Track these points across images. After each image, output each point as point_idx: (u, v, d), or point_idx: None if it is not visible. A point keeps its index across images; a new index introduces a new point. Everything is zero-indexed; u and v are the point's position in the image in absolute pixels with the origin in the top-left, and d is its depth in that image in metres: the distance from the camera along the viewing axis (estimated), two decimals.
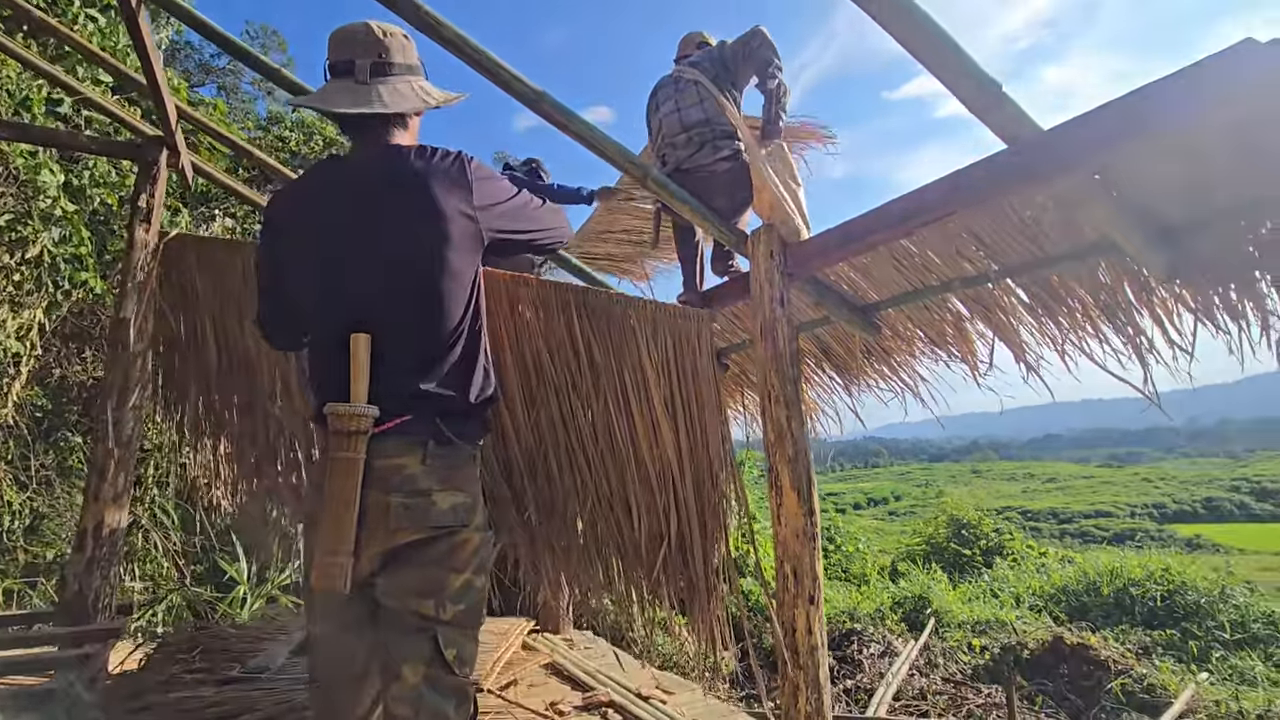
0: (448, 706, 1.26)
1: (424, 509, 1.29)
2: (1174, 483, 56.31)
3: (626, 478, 2.03)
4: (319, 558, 1.24)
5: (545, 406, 2.15)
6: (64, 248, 5.33)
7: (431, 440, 1.31)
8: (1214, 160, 1.56)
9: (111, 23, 6.04)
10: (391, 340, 1.32)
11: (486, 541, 1.40)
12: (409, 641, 1.27)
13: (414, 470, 1.29)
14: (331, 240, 1.36)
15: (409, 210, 1.34)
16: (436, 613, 1.27)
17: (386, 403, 1.29)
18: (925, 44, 1.53)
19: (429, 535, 1.29)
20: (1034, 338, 2.42)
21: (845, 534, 15.26)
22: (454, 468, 1.35)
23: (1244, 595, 8.72)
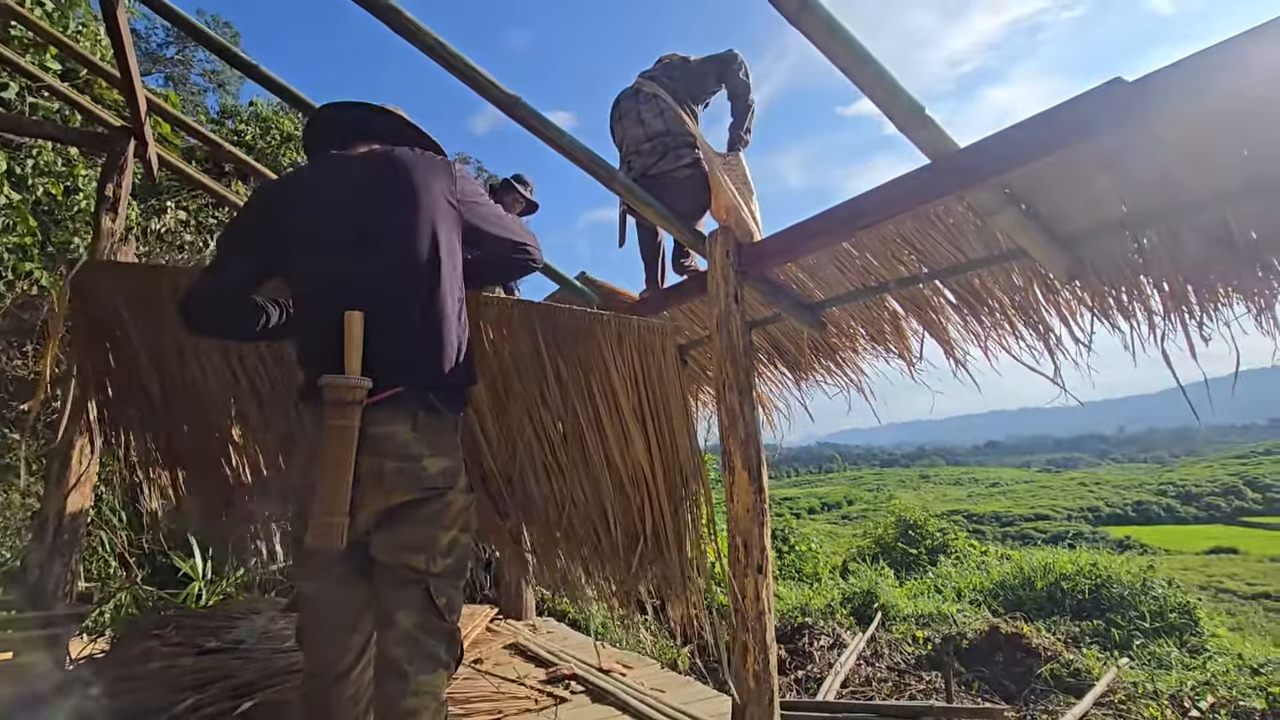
0: (439, 648, 1.40)
1: (416, 473, 1.42)
2: (1107, 487, 59.22)
3: (601, 484, 2.09)
4: (316, 518, 1.36)
5: (516, 421, 2.19)
6: (7, 237, 5.18)
7: (421, 410, 1.45)
8: (1098, 179, 1.83)
9: (59, 8, 5.90)
10: (384, 319, 1.44)
11: (470, 502, 1.54)
12: (403, 592, 1.40)
13: (405, 437, 1.42)
14: (331, 225, 1.49)
15: (401, 198, 1.48)
16: (428, 566, 1.41)
17: (379, 376, 1.41)
18: (862, 71, 1.75)
19: (420, 496, 1.43)
20: (960, 335, 2.68)
21: (799, 535, 15.67)
22: (441, 435, 1.48)
23: (1162, 588, 9.38)
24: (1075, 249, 2.10)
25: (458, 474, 1.51)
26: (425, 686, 1.35)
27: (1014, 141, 1.67)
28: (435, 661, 1.39)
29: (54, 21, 5.85)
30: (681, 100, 2.86)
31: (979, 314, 2.55)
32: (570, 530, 2.07)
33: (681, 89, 2.90)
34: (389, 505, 1.41)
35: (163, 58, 15.00)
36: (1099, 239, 2.05)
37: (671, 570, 1.93)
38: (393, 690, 1.35)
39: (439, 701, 1.39)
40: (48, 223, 5.91)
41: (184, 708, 1.79)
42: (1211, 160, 1.70)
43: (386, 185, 1.49)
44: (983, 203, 1.96)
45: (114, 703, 1.82)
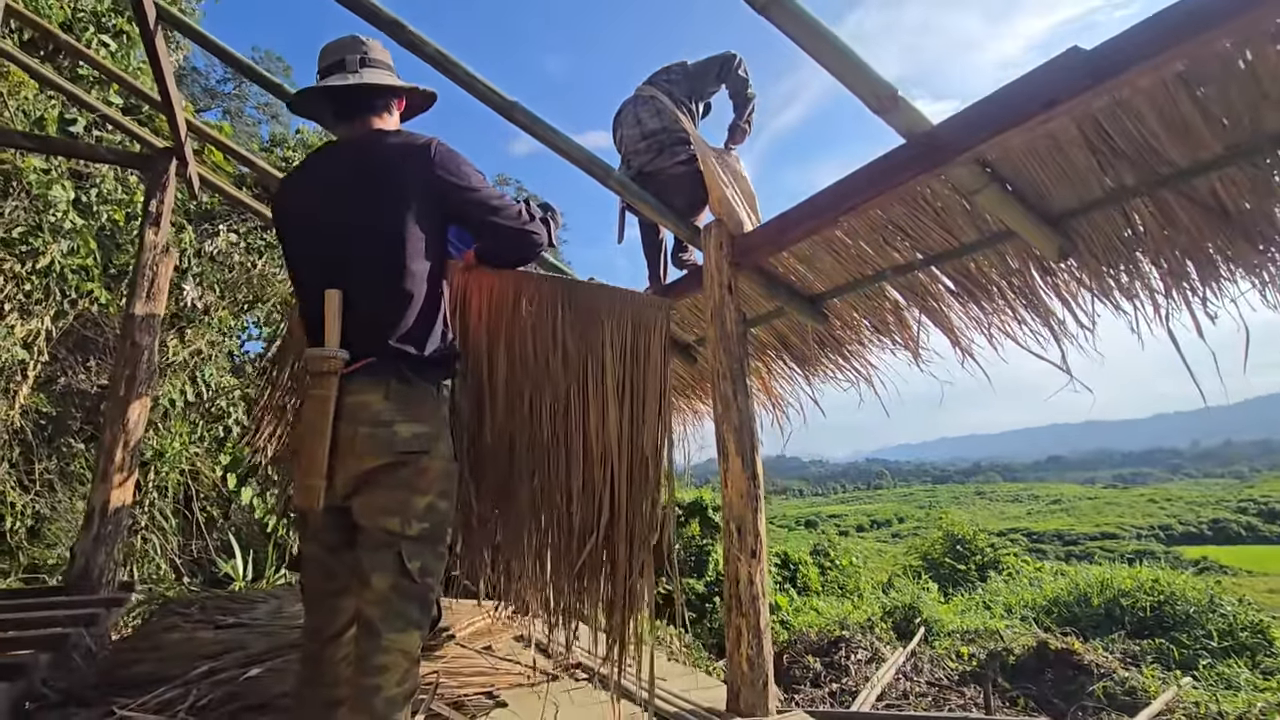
0: (411, 609, 1.46)
1: (387, 438, 1.49)
2: (1180, 504, 55.91)
3: (572, 463, 2.02)
4: (298, 481, 1.47)
5: (519, 393, 2.19)
6: (72, 259, 5.60)
7: (393, 379, 1.52)
8: (1074, 154, 1.81)
9: (122, 48, 6.40)
10: (359, 296, 1.54)
11: (450, 470, 1.58)
12: (378, 555, 1.46)
13: (378, 405, 1.50)
14: (314, 212, 1.61)
15: (375, 182, 1.58)
16: (402, 529, 1.47)
17: (355, 348, 1.51)
18: (830, 56, 1.79)
19: (393, 460, 1.49)
20: (963, 322, 2.65)
21: (840, 550, 15.37)
22: (414, 403, 1.54)
23: (1232, 606, 8.83)
24: (1064, 227, 2.07)
25: (435, 440, 1.55)
26: (396, 644, 1.41)
27: (981, 114, 1.68)
28: (405, 621, 1.44)
29: (116, 60, 6.35)
30: (679, 101, 2.94)
31: (979, 300, 2.52)
32: (536, 519, 2.03)
33: (679, 90, 2.98)
34: (362, 470, 1.48)
35: (221, 93, 15.99)
36: (1088, 215, 2.02)
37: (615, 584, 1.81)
38: (365, 647, 1.42)
39: (410, 660, 1.44)
40: (110, 246, 6.36)
41: (198, 674, 1.92)
42: (1190, 128, 1.67)
43: (360, 175, 1.59)
44: (963, 181, 1.96)
45: (137, 670, 1.95)
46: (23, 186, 5.20)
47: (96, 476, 3.17)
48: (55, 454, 6.28)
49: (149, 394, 3.43)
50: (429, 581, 1.50)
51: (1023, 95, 1.57)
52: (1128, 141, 1.75)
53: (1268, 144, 1.63)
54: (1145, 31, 1.39)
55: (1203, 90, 1.61)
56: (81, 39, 6.03)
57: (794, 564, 12.91)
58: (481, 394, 2.24)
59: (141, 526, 6.16)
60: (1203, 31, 1.33)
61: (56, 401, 6.33)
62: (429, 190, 1.61)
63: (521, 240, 1.80)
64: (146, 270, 3.35)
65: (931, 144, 1.78)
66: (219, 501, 7.09)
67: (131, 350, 3.34)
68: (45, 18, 5.65)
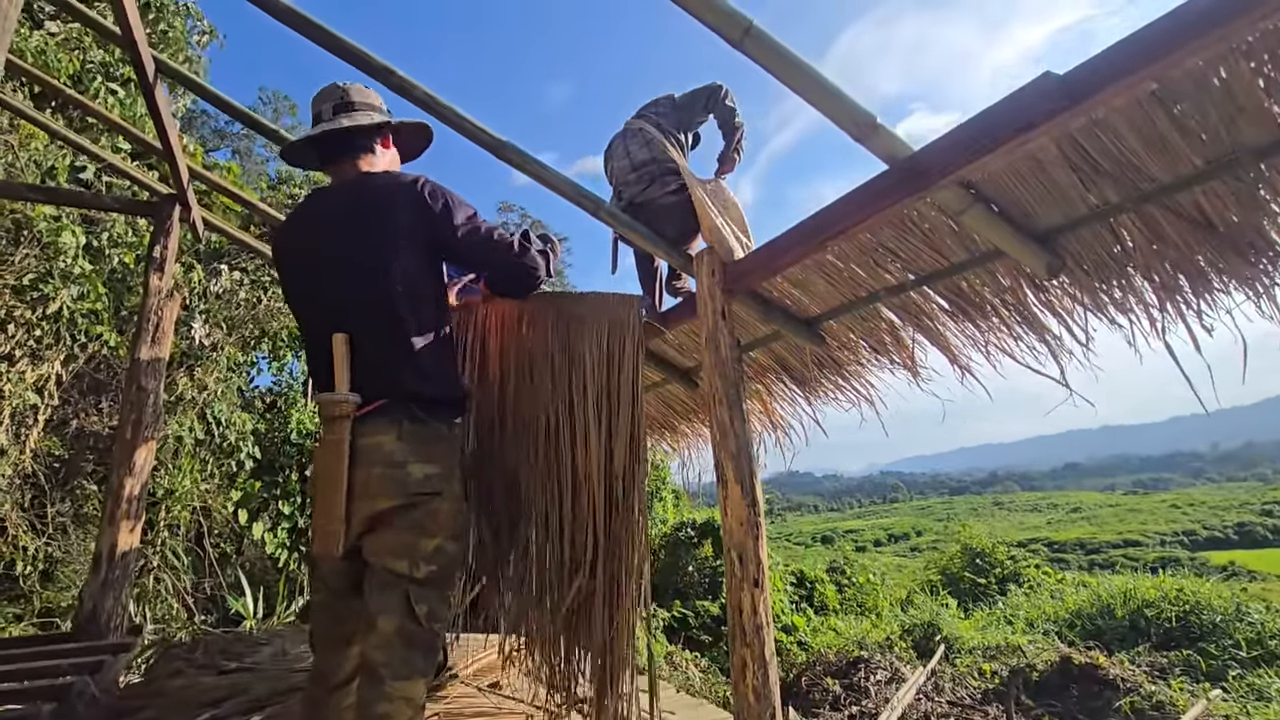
0: (416, 656, 1.44)
1: (400, 478, 1.49)
2: (1203, 508, 54.87)
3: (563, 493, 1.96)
4: (316, 526, 1.49)
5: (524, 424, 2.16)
6: (82, 304, 5.69)
7: (405, 420, 1.53)
8: (1056, 173, 1.82)
9: (130, 95, 6.57)
10: (365, 339, 1.56)
11: (459, 510, 1.58)
12: (385, 596, 1.45)
13: (391, 446, 1.50)
14: (314, 258, 1.64)
15: (364, 224, 1.60)
16: (410, 571, 1.46)
17: (366, 390, 1.52)
18: (808, 87, 1.81)
19: (406, 501, 1.49)
20: (960, 340, 2.64)
21: (857, 567, 15.15)
22: (427, 443, 1.54)
23: (1260, 614, 8.62)
24: (1053, 244, 2.07)
25: (447, 480, 1.55)
26: (399, 691, 1.39)
27: (960, 139, 1.69)
28: (410, 668, 1.42)
29: (125, 107, 6.51)
30: (668, 132, 2.99)
31: (973, 318, 2.51)
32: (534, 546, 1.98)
33: (668, 122, 3.03)
34: (375, 510, 1.48)
35: (229, 133, 16.32)
36: (1075, 232, 2.02)
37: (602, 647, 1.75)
38: (368, 694, 1.41)
39: (414, 708, 1.41)
40: (121, 289, 6.47)
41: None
42: (1169, 144, 1.68)
43: (350, 217, 1.61)
44: (948, 203, 1.97)
45: (140, 718, 1.95)
46: (33, 235, 5.32)
47: (104, 520, 3.19)
48: (68, 497, 6.34)
49: (155, 437, 3.47)
50: (435, 627, 1.48)
51: (1000, 119, 1.59)
52: (1108, 159, 1.76)
53: (1248, 157, 1.63)
54: (1117, 53, 1.40)
55: (1179, 107, 1.62)
56: (90, 88, 6.20)
57: (810, 582, 12.74)
58: (494, 423, 2.22)
59: (153, 566, 6.19)
60: (1173, 50, 1.34)
61: (69, 444, 6.39)
62: (417, 228, 1.62)
63: (515, 272, 1.80)
64: (151, 315, 3.40)
65: (913, 169, 1.80)
66: (231, 538, 7.11)
67: (137, 394, 3.39)
68: (55, 71, 5.82)
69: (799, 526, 60.83)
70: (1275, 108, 1.55)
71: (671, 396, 4.15)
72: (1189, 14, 1.27)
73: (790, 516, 75.24)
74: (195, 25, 7.76)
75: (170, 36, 7.24)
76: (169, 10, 7.26)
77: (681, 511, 11.77)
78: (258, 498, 6.95)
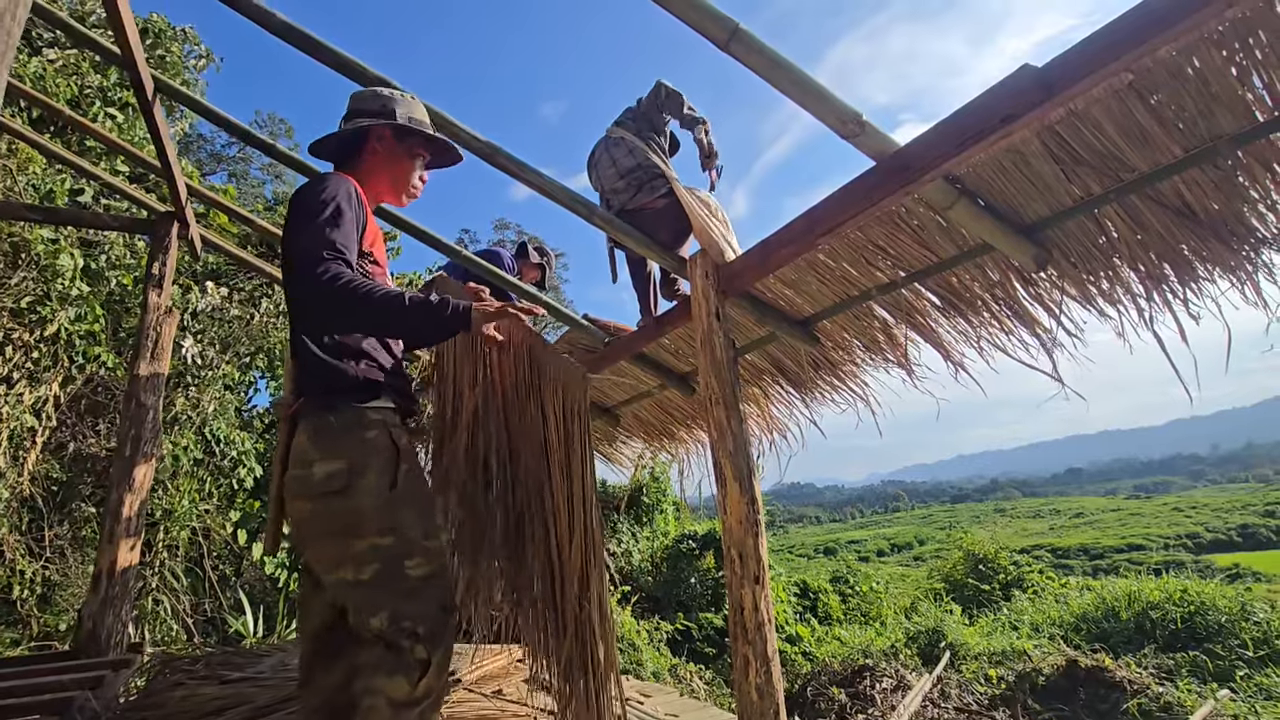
0: (388, 658, 1.38)
1: (305, 478, 1.45)
2: (1206, 511, 54.60)
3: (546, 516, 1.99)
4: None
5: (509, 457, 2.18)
6: (80, 325, 5.71)
7: (313, 415, 1.49)
8: (1040, 166, 1.86)
9: (128, 119, 6.64)
10: (293, 340, 1.58)
11: (386, 502, 1.45)
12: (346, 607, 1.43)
13: (304, 446, 1.47)
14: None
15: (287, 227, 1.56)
16: (354, 576, 1.41)
17: (299, 392, 1.55)
18: (794, 87, 1.85)
19: (316, 505, 1.44)
20: (952, 336, 2.67)
21: (860, 576, 15.07)
22: (332, 437, 1.47)
23: (1265, 613, 8.60)
24: (1039, 237, 2.11)
25: (357, 474, 1.45)
26: (380, 689, 1.37)
27: (944, 133, 1.73)
28: (386, 671, 1.38)
29: (123, 130, 6.58)
30: (647, 137, 3.03)
31: (965, 313, 2.55)
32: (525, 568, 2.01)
33: (642, 126, 3.07)
34: (296, 516, 1.47)
35: (226, 156, 16.44)
36: (1060, 224, 2.06)
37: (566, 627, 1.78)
38: (355, 689, 1.40)
39: (394, 705, 1.37)
40: (118, 310, 6.48)
41: None
42: (1148, 134, 1.72)
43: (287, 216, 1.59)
44: (934, 198, 2.01)
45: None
46: (31, 257, 5.34)
47: (103, 538, 3.19)
48: (66, 519, 6.31)
49: (155, 454, 3.47)
50: (405, 626, 1.39)
51: (982, 113, 1.62)
52: (1089, 151, 1.80)
53: (1225, 144, 1.67)
54: (1091, 45, 1.44)
55: (1156, 97, 1.66)
56: (89, 113, 6.26)
57: (814, 593, 12.67)
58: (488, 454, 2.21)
59: (152, 588, 6.14)
60: (1145, 40, 1.38)
61: (67, 467, 6.37)
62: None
63: (310, 302, 1.43)
64: (150, 331, 3.42)
65: (899, 164, 1.83)
66: (230, 558, 7.07)
67: (137, 410, 3.40)
68: (54, 95, 5.89)
69: (801, 538, 60.46)
70: (1249, 95, 1.60)
71: (669, 402, 4.17)
72: (1158, 4, 1.31)
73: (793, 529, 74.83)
74: (192, 50, 7.85)
75: (168, 61, 7.34)
76: (166, 35, 7.36)
77: (683, 524, 11.72)
78: (257, 517, 6.92)
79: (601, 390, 4.45)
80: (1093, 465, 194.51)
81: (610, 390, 4.42)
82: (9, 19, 1.56)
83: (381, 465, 1.47)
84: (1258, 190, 1.75)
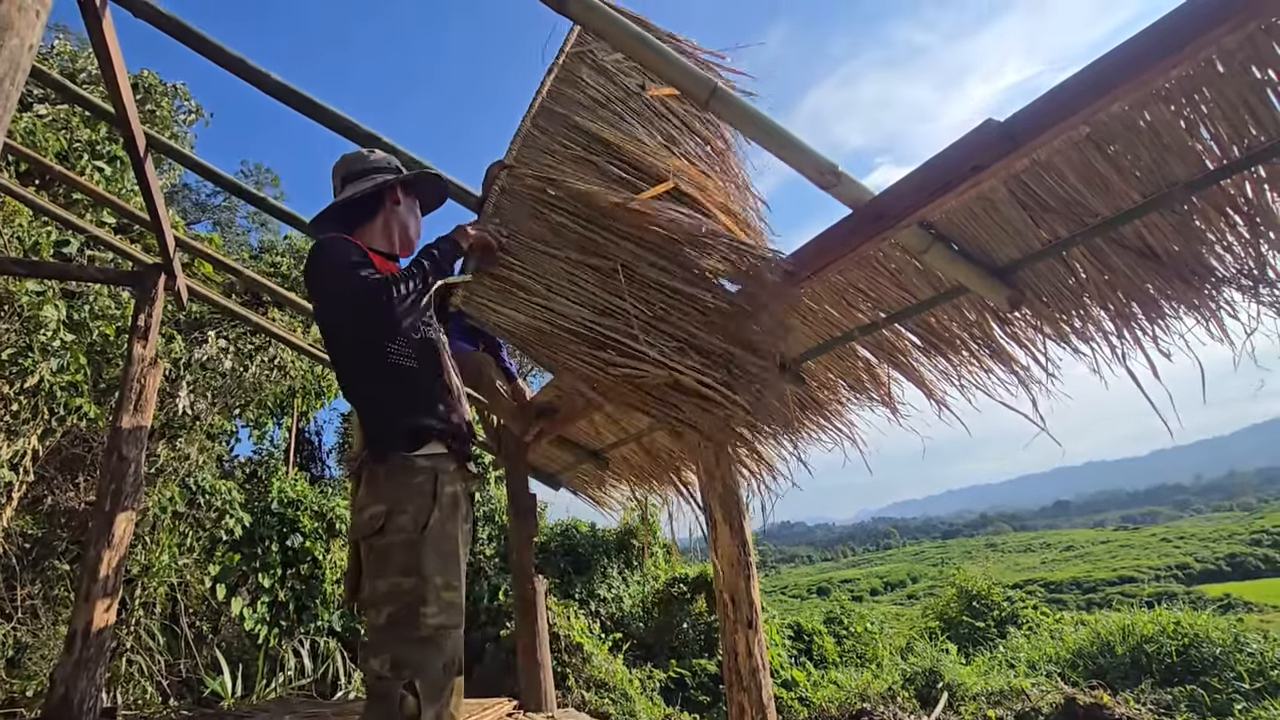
0: (378, 707, 1.41)
1: (357, 524, 1.57)
2: (1194, 541, 54.65)
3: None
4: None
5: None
6: (62, 376, 5.64)
7: (368, 465, 1.60)
8: (1008, 212, 1.95)
9: (116, 172, 6.70)
10: (353, 399, 1.73)
11: (409, 543, 1.49)
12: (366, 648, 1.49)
13: (360, 493, 1.59)
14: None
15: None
16: (375, 619, 1.45)
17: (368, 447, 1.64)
18: (773, 141, 1.94)
19: (363, 546, 1.55)
20: (933, 375, 2.73)
21: (854, 615, 14.88)
22: (381, 482, 1.57)
23: (1259, 644, 8.60)
24: (1011, 278, 2.19)
25: (390, 515, 1.50)
26: None
27: (916, 182, 1.81)
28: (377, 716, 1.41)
29: (110, 183, 6.63)
30: None
31: (944, 352, 2.61)
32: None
33: None
34: (363, 567, 1.55)
35: (211, 205, 16.53)
36: (1031, 266, 2.14)
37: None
38: None
39: None
40: (100, 361, 6.42)
41: None
42: (1108, 182, 1.81)
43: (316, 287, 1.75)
44: (910, 243, 2.09)
45: None
46: (14, 309, 5.31)
47: (79, 597, 3.10)
48: (39, 578, 6.10)
49: (135, 508, 3.41)
50: (403, 674, 1.39)
51: (951, 163, 1.71)
52: (1054, 197, 1.89)
53: (1180, 191, 1.77)
54: (1047, 102, 1.54)
55: (1113, 147, 1.76)
56: (76, 166, 6.32)
57: (808, 634, 12.46)
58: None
59: (126, 647, 5.92)
60: (1097, 98, 1.47)
61: (42, 522, 6.20)
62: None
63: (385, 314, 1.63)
64: (134, 383, 3.40)
65: (875, 212, 1.91)
66: (208, 614, 6.85)
67: (118, 464, 3.35)
68: (43, 150, 5.94)
69: (794, 579, 59.63)
70: (1198, 145, 1.70)
71: (657, 445, 4.18)
72: (1104, 66, 1.41)
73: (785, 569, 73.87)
74: (182, 105, 7.99)
75: (158, 116, 7.45)
76: (157, 90, 7.49)
77: (673, 567, 11.56)
78: (236, 571, 6.74)
79: (590, 433, 4.46)
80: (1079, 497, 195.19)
81: (599, 433, 4.42)
82: (8, 84, 1.60)
83: (416, 509, 1.52)
84: (1214, 233, 1.84)
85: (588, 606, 9.88)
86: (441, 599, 1.47)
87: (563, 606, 8.63)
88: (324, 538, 7.23)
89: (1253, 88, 1.55)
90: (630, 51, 1.85)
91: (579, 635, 8.14)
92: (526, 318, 1.77)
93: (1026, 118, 1.56)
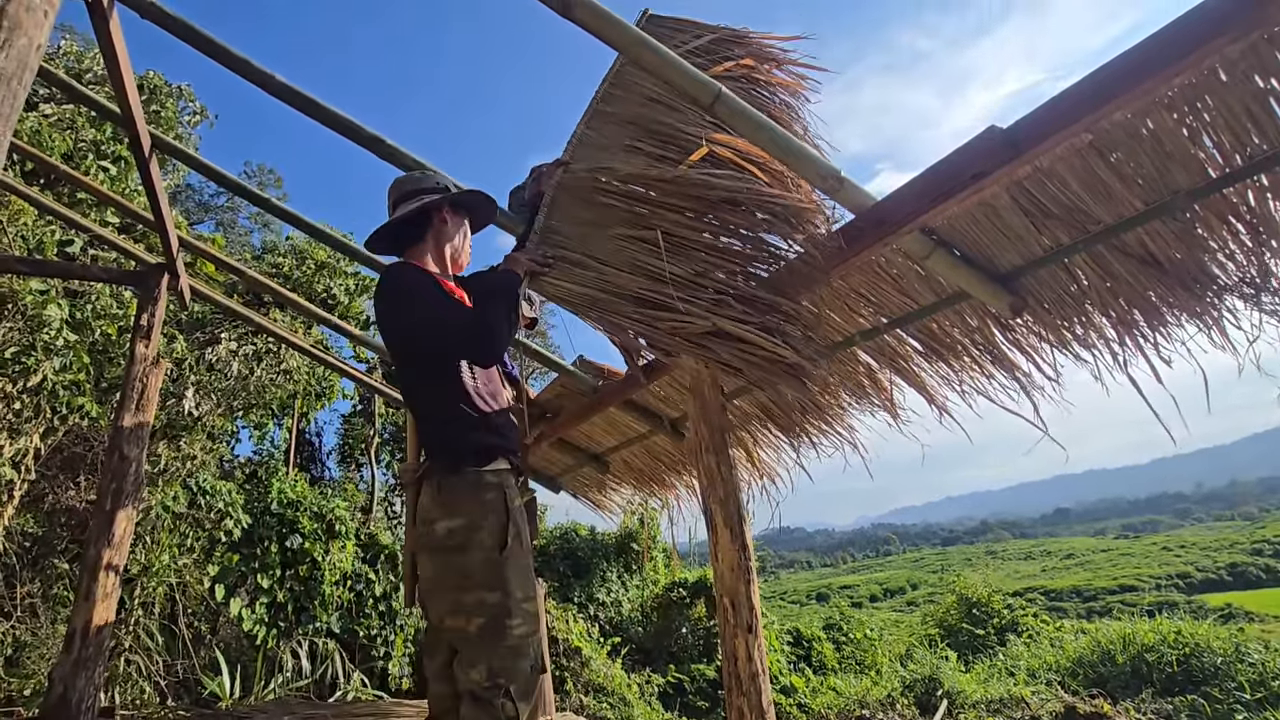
0: (483, 714, 1.50)
1: (428, 534, 1.62)
2: (1195, 550, 54.46)
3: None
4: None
5: None
6: (64, 375, 5.65)
7: (437, 478, 1.66)
8: (1011, 219, 1.95)
9: (120, 171, 6.72)
10: (417, 413, 1.80)
11: (490, 560, 1.58)
12: (454, 654, 1.59)
13: (426, 504, 1.65)
14: None
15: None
16: (465, 625, 1.54)
17: (423, 457, 1.72)
18: (777, 147, 1.94)
19: (437, 558, 1.61)
20: (934, 380, 2.73)
21: (853, 621, 14.84)
22: (454, 495, 1.63)
23: (1259, 653, 8.57)
24: (1013, 285, 2.19)
25: (471, 531, 1.59)
26: None
27: (919, 189, 1.82)
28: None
29: (115, 183, 6.65)
30: None
31: (945, 358, 2.61)
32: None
33: None
34: (422, 571, 1.64)
35: (214, 206, 16.58)
36: (1033, 272, 2.14)
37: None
38: None
39: None
40: (102, 360, 6.43)
41: None
42: (1110, 189, 1.82)
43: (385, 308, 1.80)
44: (912, 249, 2.09)
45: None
46: (18, 308, 5.32)
47: (79, 595, 3.10)
48: (39, 576, 6.10)
49: (136, 507, 3.41)
50: (500, 682, 1.50)
51: (954, 169, 1.71)
52: (1056, 204, 1.89)
53: (1182, 199, 1.77)
54: (1050, 109, 1.54)
55: (1115, 155, 1.76)
56: (81, 166, 6.34)
57: (808, 641, 12.43)
58: None
59: (125, 647, 5.91)
60: (1100, 106, 1.47)
61: (43, 521, 6.20)
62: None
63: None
64: (136, 382, 3.41)
65: (877, 218, 1.92)
66: (206, 615, 6.83)
67: (119, 463, 3.35)
68: (48, 149, 5.96)
69: (793, 584, 59.48)
70: (1201, 153, 1.70)
71: (658, 448, 4.18)
72: (1108, 75, 1.41)
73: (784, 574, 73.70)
74: (187, 106, 8.02)
75: (163, 117, 7.48)
76: (162, 91, 7.52)
77: (673, 571, 11.55)
78: (235, 571, 6.73)
79: (590, 436, 4.46)
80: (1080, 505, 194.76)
81: (599, 436, 4.43)
82: (15, 83, 1.61)
83: (493, 526, 1.61)
84: (1216, 241, 1.84)
85: (587, 610, 9.87)
86: (523, 609, 1.58)
87: (561, 610, 8.62)
88: (323, 539, 7.22)
89: (1255, 96, 1.55)
90: (635, 55, 1.86)
91: (578, 639, 8.13)
92: (581, 288, 1.89)
93: (1030, 125, 1.56)
